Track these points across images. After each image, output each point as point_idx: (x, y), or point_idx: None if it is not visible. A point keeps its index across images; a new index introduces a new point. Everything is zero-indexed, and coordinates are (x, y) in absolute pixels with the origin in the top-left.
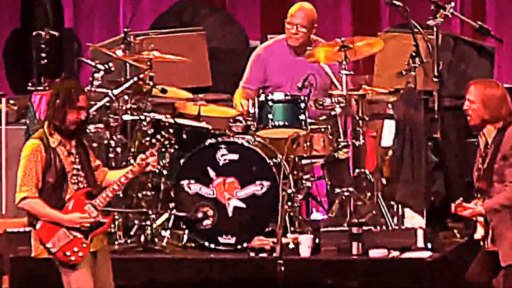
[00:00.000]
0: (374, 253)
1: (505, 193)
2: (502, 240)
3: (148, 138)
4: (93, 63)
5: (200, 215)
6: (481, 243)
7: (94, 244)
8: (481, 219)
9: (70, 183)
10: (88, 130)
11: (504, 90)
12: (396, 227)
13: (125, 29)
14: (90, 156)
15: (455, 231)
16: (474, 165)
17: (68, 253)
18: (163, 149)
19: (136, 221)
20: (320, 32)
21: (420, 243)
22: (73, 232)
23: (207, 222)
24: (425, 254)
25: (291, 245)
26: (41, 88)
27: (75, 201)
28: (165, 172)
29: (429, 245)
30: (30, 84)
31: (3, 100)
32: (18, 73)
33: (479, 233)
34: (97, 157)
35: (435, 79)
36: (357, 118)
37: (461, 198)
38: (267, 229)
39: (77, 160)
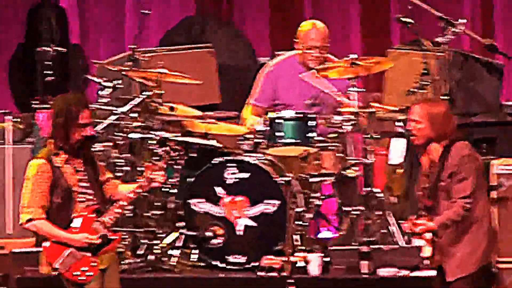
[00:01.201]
0: (383, 271)
1: (455, 208)
2: (450, 258)
3: (156, 157)
4: (99, 81)
5: (209, 234)
6: (429, 261)
7: (103, 262)
8: (429, 236)
9: (78, 201)
10: (94, 148)
11: (448, 108)
12: (406, 246)
13: (132, 46)
14: (99, 170)
15: None
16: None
17: (76, 273)
18: (172, 162)
19: (144, 241)
20: (330, 49)
21: None
22: (82, 251)
23: (216, 241)
24: (434, 273)
25: (300, 264)
26: (47, 105)
27: (84, 219)
28: (173, 191)
29: None
30: (35, 101)
31: (8, 118)
32: (24, 90)
33: (427, 251)
34: (107, 170)
35: (444, 97)
36: (367, 135)
37: (413, 216)
38: (276, 248)
39: (85, 177)
